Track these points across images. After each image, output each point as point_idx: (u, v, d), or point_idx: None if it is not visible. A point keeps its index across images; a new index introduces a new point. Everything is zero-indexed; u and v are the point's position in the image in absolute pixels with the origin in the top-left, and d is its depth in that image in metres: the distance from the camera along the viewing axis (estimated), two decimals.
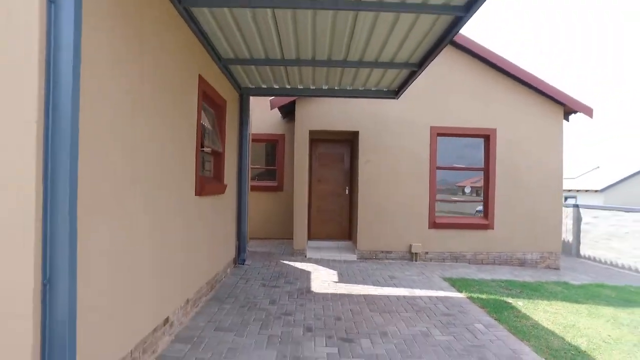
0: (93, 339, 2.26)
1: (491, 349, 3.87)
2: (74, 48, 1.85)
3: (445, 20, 3.96)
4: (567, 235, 10.99)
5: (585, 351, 3.97)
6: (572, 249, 10.75)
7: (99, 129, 2.30)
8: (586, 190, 23.35)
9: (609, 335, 4.48)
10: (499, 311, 5.08)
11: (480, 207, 8.50)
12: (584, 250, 10.34)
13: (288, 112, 9.25)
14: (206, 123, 5.16)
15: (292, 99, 7.94)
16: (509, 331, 4.39)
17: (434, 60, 5.11)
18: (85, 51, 2.04)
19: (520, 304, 5.50)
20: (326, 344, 3.82)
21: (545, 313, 5.14)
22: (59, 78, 1.83)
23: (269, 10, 3.86)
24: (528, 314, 5.07)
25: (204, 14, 3.98)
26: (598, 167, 27.23)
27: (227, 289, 5.51)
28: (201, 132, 4.61)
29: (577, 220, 10.63)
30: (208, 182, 5.09)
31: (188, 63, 4.05)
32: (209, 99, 5.11)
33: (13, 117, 1.79)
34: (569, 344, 4.13)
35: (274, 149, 10.12)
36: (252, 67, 5.65)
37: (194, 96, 4.28)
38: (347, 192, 9.26)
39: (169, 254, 3.58)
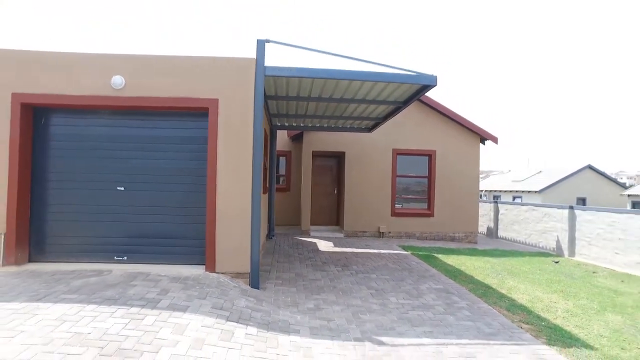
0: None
1: (416, 269, 7.95)
2: (254, 158, 5.73)
3: (387, 108, 8.00)
4: (490, 223, 15.35)
5: (463, 271, 8.11)
6: (493, 232, 15.10)
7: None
8: (529, 191, 28.11)
9: (480, 266, 8.65)
10: (426, 259, 9.18)
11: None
12: (500, 232, 14.68)
13: (295, 137, 13.23)
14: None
15: (300, 131, 11.90)
16: (428, 264, 8.48)
17: None
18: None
19: (440, 256, 9.63)
20: (335, 266, 7.80)
21: (452, 260, 9.28)
22: (255, 161, 5.72)
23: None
24: (442, 259, 9.19)
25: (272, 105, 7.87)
26: (540, 171, 32.20)
27: (270, 249, 9.40)
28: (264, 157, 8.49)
29: (496, 211, 14.98)
30: (264, 186, 8.97)
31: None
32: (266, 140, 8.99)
33: (246, 167, 5.67)
34: (457, 269, 8.26)
35: (284, 161, 14.02)
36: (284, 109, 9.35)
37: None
38: (335, 192, 13.27)
39: (263, 221, 7.45)
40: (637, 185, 29.28)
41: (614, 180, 27.70)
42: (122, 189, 5.87)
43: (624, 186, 27.87)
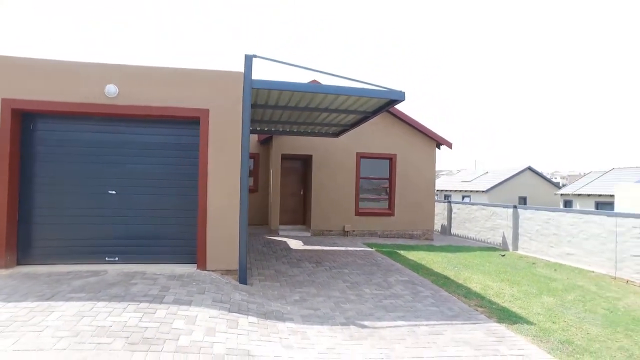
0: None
1: (382, 264, 8.75)
2: (243, 164, 6.24)
3: (355, 117, 8.75)
4: (444, 221, 16.61)
5: (424, 265, 9.01)
6: (447, 229, 16.36)
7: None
8: (476, 191, 30.12)
9: (438, 260, 9.61)
10: (390, 255, 10.02)
11: None
12: (453, 229, 15.95)
13: (264, 140, 13.71)
14: None
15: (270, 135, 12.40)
16: (392, 260, 9.32)
17: None
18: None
19: (402, 252, 10.52)
20: (309, 263, 8.43)
21: (413, 255, 10.19)
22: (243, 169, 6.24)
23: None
24: (404, 255, 10.08)
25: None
26: (487, 172, 34.51)
27: None
28: None
29: (449, 211, 16.25)
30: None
31: None
32: None
33: (235, 171, 6.16)
34: (418, 263, 9.15)
35: (252, 163, 14.43)
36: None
37: None
38: (301, 193, 13.89)
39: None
40: (568, 184, 32.20)
41: (549, 181, 30.36)
42: (114, 192, 6.16)
43: (557, 186, 30.60)
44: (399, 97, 7.09)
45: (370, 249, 10.66)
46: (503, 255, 11.13)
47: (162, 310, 4.40)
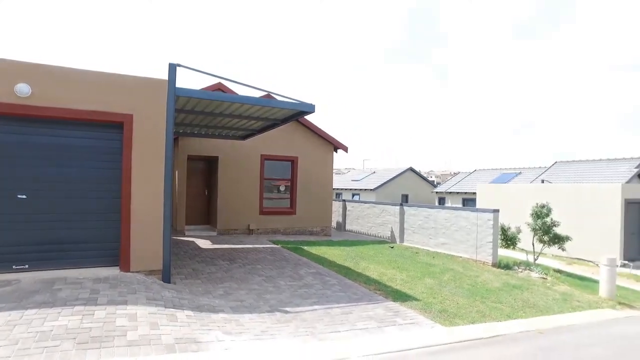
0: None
1: (290, 259, 9.56)
2: (166, 173, 6.52)
3: (263, 124, 9.44)
4: (340, 218, 18.13)
5: (327, 258, 10.06)
6: (342, 226, 17.90)
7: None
8: (365, 189, 32.78)
9: (338, 254, 10.76)
10: (295, 250, 10.90)
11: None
12: (348, 226, 17.54)
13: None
14: None
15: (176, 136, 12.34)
16: (298, 255, 10.20)
17: None
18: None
19: (305, 247, 11.47)
20: (223, 261, 8.86)
21: (315, 250, 11.21)
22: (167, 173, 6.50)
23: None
24: (308, 250, 11.04)
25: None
26: (374, 172, 37.67)
27: None
28: None
29: (344, 208, 17.82)
30: None
31: None
32: None
33: (158, 175, 6.38)
34: (321, 256, 10.16)
35: None
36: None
37: None
38: (206, 194, 14.03)
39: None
40: (442, 183, 36.98)
41: (427, 180, 34.51)
42: (24, 196, 5.91)
43: (432, 184, 34.94)
44: (309, 109, 7.96)
45: (276, 246, 11.40)
46: (392, 247, 12.80)
47: (101, 311, 4.58)
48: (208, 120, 9.52)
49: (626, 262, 14.28)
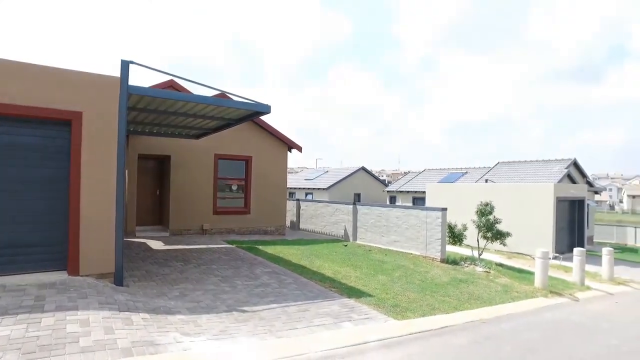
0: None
1: (246, 258, 9.54)
2: (118, 169, 6.33)
3: (218, 123, 9.36)
4: (294, 217, 18.23)
5: (282, 257, 10.12)
6: (296, 225, 18.02)
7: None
8: (318, 188, 33.07)
9: (293, 253, 10.86)
10: (250, 250, 10.87)
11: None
12: (302, 225, 17.68)
13: None
14: None
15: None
16: (253, 254, 10.19)
17: None
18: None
19: (260, 247, 11.47)
20: (177, 262, 8.69)
21: (270, 249, 11.24)
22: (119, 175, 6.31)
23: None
24: (263, 249, 11.05)
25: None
26: (327, 171, 38.09)
27: None
28: None
29: (298, 207, 17.95)
30: None
31: None
32: None
33: (110, 175, 6.17)
34: (277, 256, 10.22)
35: None
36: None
37: None
38: (158, 193, 13.62)
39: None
40: (393, 182, 38.12)
41: (378, 179, 35.43)
42: None
43: (384, 183, 35.94)
44: (265, 109, 8.00)
45: (231, 246, 11.32)
46: (346, 245, 13.09)
47: (49, 318, 4.40)
48: (161, 118, 9.27)
49: (557, 254, 15.55)
